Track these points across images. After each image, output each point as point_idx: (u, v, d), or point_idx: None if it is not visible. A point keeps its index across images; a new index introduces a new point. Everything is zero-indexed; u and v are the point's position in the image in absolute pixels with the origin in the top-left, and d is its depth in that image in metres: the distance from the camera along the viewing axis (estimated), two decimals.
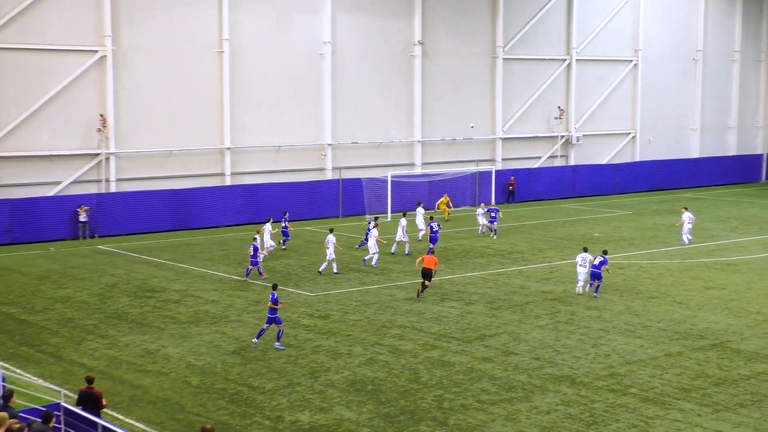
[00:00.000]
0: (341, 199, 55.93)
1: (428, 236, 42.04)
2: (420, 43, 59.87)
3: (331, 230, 39.01)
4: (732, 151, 78.64)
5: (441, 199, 55.43)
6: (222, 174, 53.56)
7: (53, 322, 30.15)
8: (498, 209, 49.59)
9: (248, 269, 36.79)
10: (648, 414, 21.43)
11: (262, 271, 37.02)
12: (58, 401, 17.94)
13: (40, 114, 48.06)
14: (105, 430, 16.57)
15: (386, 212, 54.77)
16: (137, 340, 27.79)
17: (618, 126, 71.59)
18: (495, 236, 47.45)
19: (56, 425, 17.19)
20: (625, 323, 29.88)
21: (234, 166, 53.86)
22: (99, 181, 49.80)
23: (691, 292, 34.66)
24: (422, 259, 33.88)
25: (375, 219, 41.77)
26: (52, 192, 48.44)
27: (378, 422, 20.88)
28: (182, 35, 51.64)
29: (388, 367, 24.92)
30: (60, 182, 48.75)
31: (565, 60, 67.52)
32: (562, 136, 67.83)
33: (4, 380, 20.77)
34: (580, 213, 58.36)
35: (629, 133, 72.09)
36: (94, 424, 16.82)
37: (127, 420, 20.91)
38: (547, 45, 66.71)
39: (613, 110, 70.78)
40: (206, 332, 28.73)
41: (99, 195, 48.91)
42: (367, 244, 40.14)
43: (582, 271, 34.23)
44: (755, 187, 75.23)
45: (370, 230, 40.03)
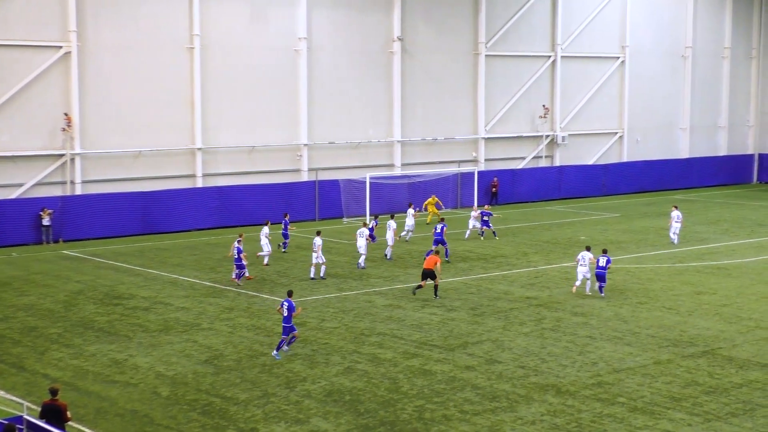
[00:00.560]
0: (318, 202, 55.88)
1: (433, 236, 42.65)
2: (399, 39, 59.92)
3: (319, 233, 39.15)
4: (722, 151, 79.12)
5: (428, 200, 55.52)
6: (193, 175, 53.39)
7: (15, 331, 29.94)
8: (491, 213, 49.80)
9: (238, 273, 36.80)
10: (637, 424, 21.51)
11: (241, 278, 36.94)
12: (21, 414, 17.84)
13: (1, 113, 47.75)
14: None
15: (364, 215, 54.76)
16: (104, 350, 27.64)
17: (605, 125, 71.91)
18: (496, 237, 48.40)
19: None
20: (613, 330, 29.99)
21: (206, 167, 53.70)
22: (64, 183, 49.52)
23: (681, 298, 34.84)
24: (425, 260, 34.70)
25: (375, 218, 43.18)
26: (14, 195, 48.13)
27: None
28: (151, 30, 51.45)
29: (367, 377, 24.91)
30: (22, 184, 48.43)
31: (550, 57, 67.76)
32: (547, 136, 68.06)
33: None
34: (566, 215, 58.56)
35: (616, 133, 72.42)
36: None
37: None
38: (532, 41, 66.94)
39: (600, 109, 71.08)
40: (177, 341, 28.62)
41: (64, 198, 48.64)
42: (386, 238, 42.14)
43: (581, 270, 34.89)
44: (746, 189, 75.74)
45: (372, 229, 41.37)
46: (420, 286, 34.47)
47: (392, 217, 44.04)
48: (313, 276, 37.95)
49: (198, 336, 29.22)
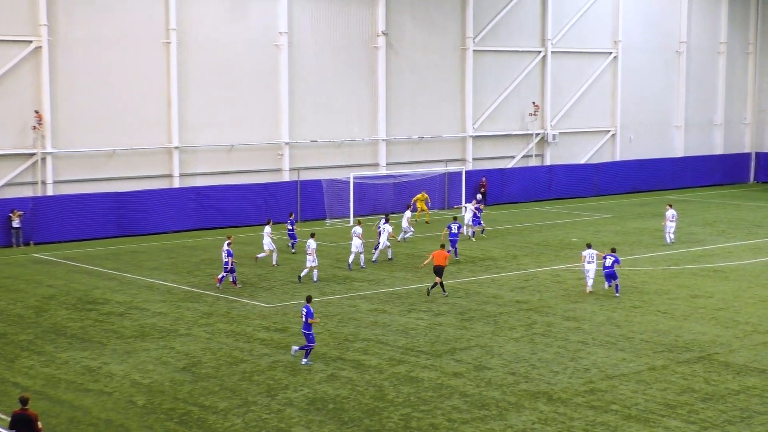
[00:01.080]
0: (299, 202, 55.82)
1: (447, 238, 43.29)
2: (384, 34, 59.93)
3: (313, 235, 39.20)
4: (718, 150, 79.44)
5: (418, 195, 55.56)
6: (170, 175, 53.27)
7: None
8: (481, 209, 50.12)
9: (232, 276, 36.88)
10: None
11: (221, 283, 36.91)
12: None
13: None
14: None
15: (348, 216, 54.74)
16: (77, 357, 27.54)
17: (597, 123, 72.10)
18: (483, 234, 49.04)
19: None
20: (606, 335, 30.07)
21: (183, 167, 53.58)
22: (34, 184, 49.33)
23: (676, 301, 34.96)
24: (432, 257, 35.64)
25: (386, 216, 44.37)
26: None
27: None
28: (125, 24, 51.28)
29: (351, 384, 24.90)
30: None
31: (540, 52, 67.90)
32: (537, 134, 68.20)
33: None
34: (557, 216, 58.68)
35: (609, 131, 72.62)
36: None
37: None
38: (521, 36, 67.05)
39: (592, 106, 71.27)
40: (153, 347, 28.54)
41: (34, 198, 48.45)
42: (378, 240, 42.50)
43: (590, 269, 35.75)
44: (743, 188, 76.08)
45: (382, 227, 42.60)
46: (435, 285, 35.50)
47: (387, 220, 44.06)
48: (302, 276, 38.10)
49: (175, 342, 29.14)
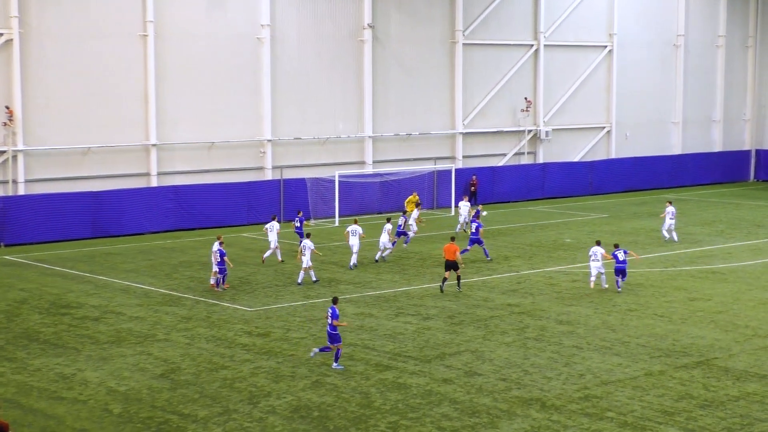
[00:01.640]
0: (283, 202, 55.77)
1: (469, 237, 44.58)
2: (370, 27, 59.94)
3: (308, 235, 39.38)
4: (717, 147, 79.72)
5: (410, 197, 55.64)
6: (147, 174, 53.16)
7: None
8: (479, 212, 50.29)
9: (220, 277, 36.97)
10: None
11: (222, 284, 37.06)
12: None
13: None
14: None
15: (333, 216, 54.71)
16: (50, 363, 27.45)
17: (591, 119, 72.25)
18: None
19: None
20: (601, 339, 30.13)
21: (161, 165, 53.47)
22: (5, 183, 49.19)
23: (674, 304, 35.05)
24: (444, 251, 36.74)
25: (404, 213, 46.72)
26: None
27: None
28: (100, 16, 51.16)
29: (337, 391, 24.88)
30: None
31: (533, 46, 68.00)
32: (530, 131, 68.30)
33: None
34: (550, 216, 58.77)
35: (604, 128, 72.79)
36: None
37: None
38: (513, 29, 67.14)
39: (586, 102, 71.42)
40: (130, 353, 28.48)
41: (5, 198, 48.31)
42: (380, 240, 43.16)
43: (595, 266, 36.67)
44: (743, 187, 76.34)
45: (402, 224, 44.89)
46: (445, 279, 36.48)
47: (389, 220, 44.47)
48: (300, 282, 38.20)
49: (153, 348, 29.08)
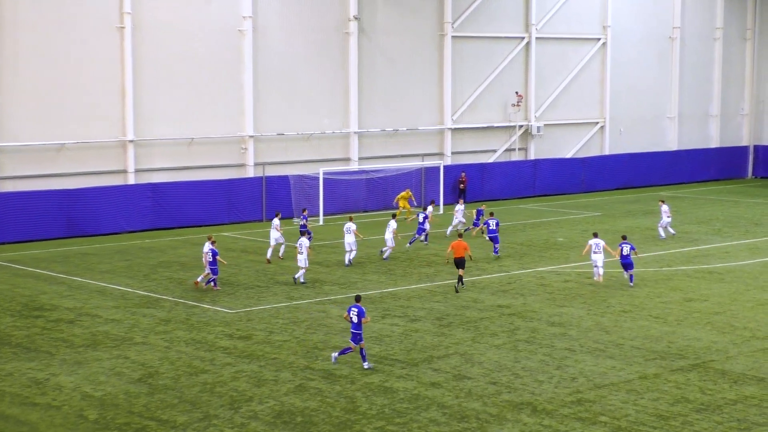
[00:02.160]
0: (265, 200, 55.71)
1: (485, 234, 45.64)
2: (356, 19, 59.92)
3: (303, 233, 39.72)
4: (714, 143, 79.93)
5: (401, 194, 55.64)
6: (124, 171, 53.04)
7: None
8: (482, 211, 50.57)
9: (211, 278, 37.22)
10: None
11: (208, 284, 37.26)
12: None
13: None
14: None
15: (317, 215, 54.67)
16: (22, 368, 27.37)
17: (585, 114, 72.37)
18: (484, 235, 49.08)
19: None
20: (594, 341, 30.18)
21: (138, 162, 53.36)
22: None
23: (669, 305, 35.14)
24: (452, 248, 37.13)
25: (424, 210, 47.83)
26: None
27: None
28: (75, 7, 50.99)
29: (321, 395, 24.88)
30: None
31: (524, 38, 68.07)
32: (521, 126, 68.37)
33: None
34: (542, 214, 58.86)
35: (597, 123, 72.92)
36: None
37: None
38: (503, 21, 67.20)
39: (579, 96, 71.53)
40: (106, 357, 28.42)
41: None
42: (385, 238, 43.95)
43: (598, 258, 37.74)
44: (741, 184, 76.58)
45: (425, 218, 46.25)
46: (461, 277, 37.13)
47: (394, 217, 45.13)
48: (297, 277, 38.64)
49: (130, 351, 29.02)
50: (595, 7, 71.69)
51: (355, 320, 27.29)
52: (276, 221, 43.46)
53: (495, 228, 44.41)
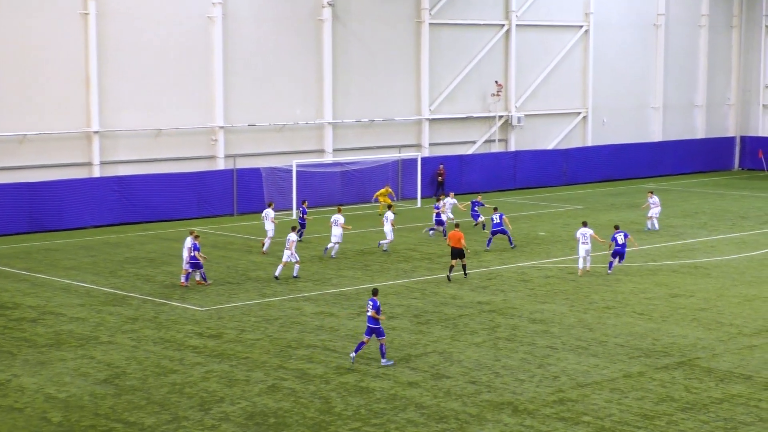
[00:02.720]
0: (236, 194, 55.59)
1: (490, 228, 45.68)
2: (330, 5, 59.79)
3: (294, 228, 39.93)
4: (700, 134, 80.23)
5: (381, 190, 55.68)
6: (89, 163, 52.80)
7: None
8: (482, 203, 50.72)
9: (201, 272, 37.33)
10: None
11: (189, 279, 37.36)
12: None
13: None
14: None
15: (290, 209, 54.58)
16: None
17: (566, 104, 72.52)
18: (484, 229, 49.24)
19: None
20: (577, 339, 30.28)
21: (104, 154, 53.12)
22: None
23: (654, 301, 35.28)
24: (449, 239, 38.83)
25: (438, 200, 49.25)
26: None
27: None
28: None
29: (295, 396, 24.86)
30: None
31: (504, 26, 68.13)
32: (501, 117, 68.46)
33: None
34: (522, 208, 58.95)
35: (579, 113, 73.09)
36: None
37: None
38: (482, 8, 67.21)
39: (561, 86, 71.64)
40: (70, 357, 28.31)
41: None
42: (384, 230, 44.59)
43: (584, 249, 38.54)
44: (727, 176, 76.93)
45: (441, 207, 47.68)
46: (452, 267, 38.24)
47: (390, 208, 45.87)
48: (278, 275, 38.48)
49: (96, 351, 28.92)
50: None
51: (370, 313, 27.46)
52: (270, 212, 44.33)
53: (500, 222, 44.41)
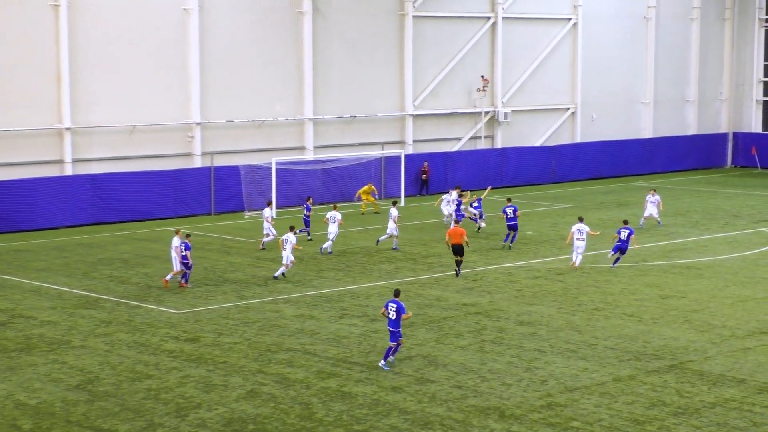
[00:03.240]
0: (213, 192, 55.51)
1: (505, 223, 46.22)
2: None
3: (291, 228, 39.95)
4: (692, 130, 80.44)
5: (363, 188, 55.76)
6: (61, 161, 52.67)
7: None
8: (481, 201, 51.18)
9: (185, 273, 37.36)
10: None
11: (188, 280, 37.46)
12: None
13: None
14: None
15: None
16: None
17: (554, 100, 72.64)
18: (483, 226, 49.80)
19: None
20: (565, 341, 30.32)
21: (76, 152, 52.98)
22: None
23: (645, 303, 35.36)
24: (449, 235, 39.25)
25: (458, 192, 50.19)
26: None
27: None
28: None
29: (274, 401, 24.84)
30: None
31: (490, 18, 68.19)
32: (487, 113, 68.53)
33: None
34: None
35: (568, 109, 73.22)
36: None
37: None
38: (468, 0, 67.29)
39: (549, 80, 71.74)
40: (41, 362, 28.22)
41: None
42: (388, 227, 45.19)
43: (580, 245, 39.41)
44: (719, 174, 77.18)
45: (459, 205, 48.77)
46: (459, 262, 39.06)
47: (394, 204, 46.05)
48: (277, 276, 38.69)
49: (68, 356, 28.83)
50: None
51: (393, 317, 27.38)
52: (267, 211, 45.02)
53: (513, 216, 44.99)
